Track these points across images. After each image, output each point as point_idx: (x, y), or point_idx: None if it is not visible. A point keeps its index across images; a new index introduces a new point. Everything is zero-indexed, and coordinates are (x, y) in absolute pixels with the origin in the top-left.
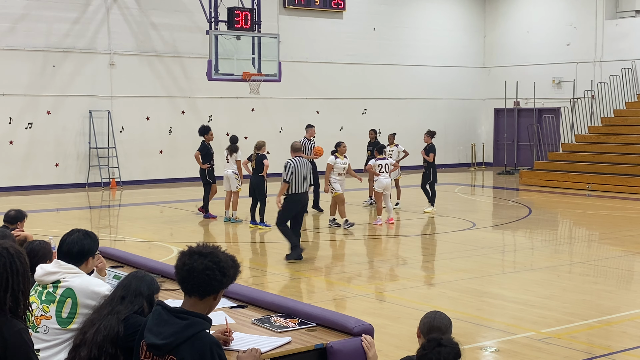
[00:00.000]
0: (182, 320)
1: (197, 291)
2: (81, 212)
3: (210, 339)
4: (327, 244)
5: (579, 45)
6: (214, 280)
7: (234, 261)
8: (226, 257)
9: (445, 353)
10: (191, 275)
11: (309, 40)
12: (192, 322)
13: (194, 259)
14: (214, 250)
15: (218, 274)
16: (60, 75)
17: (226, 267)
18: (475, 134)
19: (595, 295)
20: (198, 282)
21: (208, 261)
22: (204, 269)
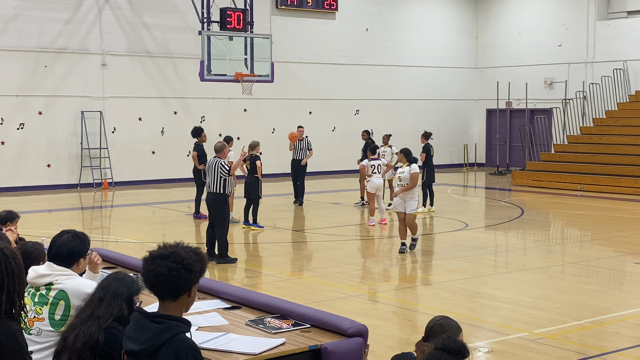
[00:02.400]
0: (158, 324)
1: (168, 294)
2: (73, 213)
3: (186, 342)
4: (321, 245)
5: (570, 46)
6: (181, 279)
7: (198, 254)
8: (189, 253)
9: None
10: (158, 280)
11: (301, 40)
12: (169, 326)
13: (157, 264)
14: (175, 249)
15: (184, 272)
16: (52, 76)
17: (191, 263)
18: (467, 135)
19: (587, 296)
20: (167, 285)
21: (171, 262)
22: (169, 271)
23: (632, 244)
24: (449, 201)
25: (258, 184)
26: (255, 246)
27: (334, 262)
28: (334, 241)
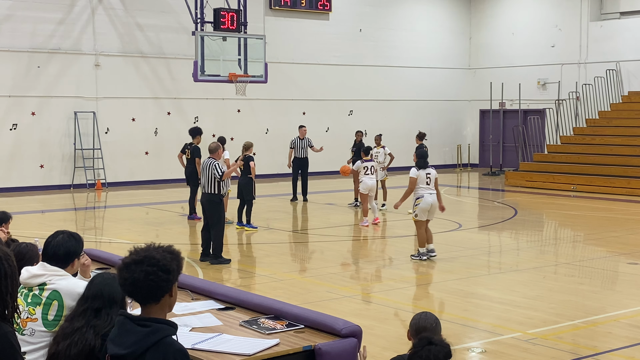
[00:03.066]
0: (144, 327)
1: (150, 299)
2: (66, 214)
3: (174, 345)
4: (315, 246)
5: (563, 47)
6: (161, 281)
7: (172, 252)
8: (162, 253)
9: (436, 351)
10: (137, 287)
11: (295, 41)
12: (155, 329)
13: (132, 270)
14: (147, 252)
15: (162, 274)
16: (45, 76)
17: (166, 263)
18: (460, 135)
19: (580, 296)
20: (147, 291)
21: (147, 266)
22: (146, 275)
23: (625, 244)
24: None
25: (252, 184)
26: (249, 247)
27: (327, 262)
28: (327, 242)
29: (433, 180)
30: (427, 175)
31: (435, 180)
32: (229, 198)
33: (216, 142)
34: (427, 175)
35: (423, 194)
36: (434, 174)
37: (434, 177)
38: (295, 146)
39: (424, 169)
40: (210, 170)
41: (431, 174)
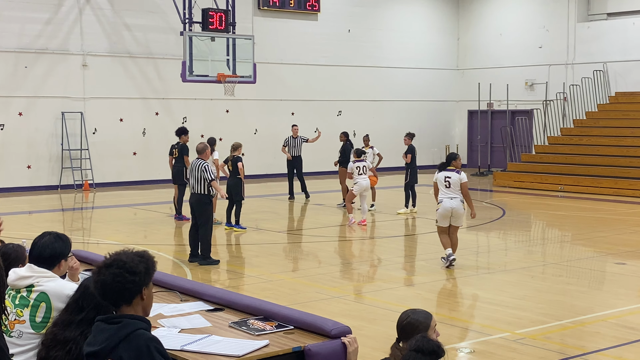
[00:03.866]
0: (115, 324)
1: (119, 300)
2: (54, 215)
3: (146, 335)
4: (304, 246)
5: (551, 48)
6: (127, 283)
7: (141, 256)
8: (131, 256)
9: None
10: (106, 289)
11: (283, 41)
12: (126, 324)
13: (102, 273)
14: (117, 255)
15: (128, 276)
16: (32, 77)
17: (134, 266)
18: (449, 136)
19: (568, 296)
20: (115, 293)
21: (115, 269)
22: (113, 277)
23: (612, 244)
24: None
25: (240, 185)
26: (238, 247)
27: (316, 263)
28: (316, 242)
29: (454, 184)
30: (446, 179)
31: (461, 184)
32: (217, 199)
33: (204, 143)
34: (446, 179)
35: (442, 199)
36: (457, 177)
37: (457, 181)
38: (289, 145)
39: (443, 172)
40: (200, 172)
41: (452, 178)
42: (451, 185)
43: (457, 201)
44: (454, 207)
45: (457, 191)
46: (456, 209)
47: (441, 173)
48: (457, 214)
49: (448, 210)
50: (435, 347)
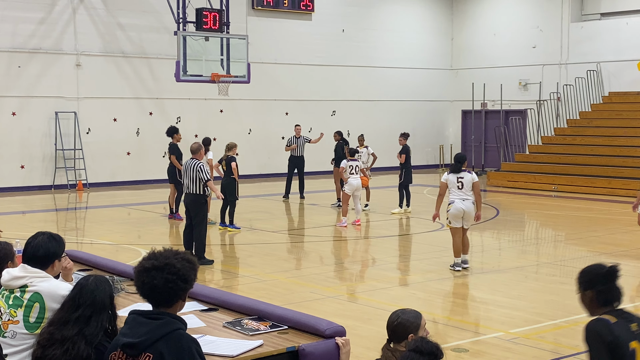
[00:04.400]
0: (156, 320)
1: (164, 303)
2: (47, 215)
3: (188, 336)
4: (298, 246)
5: (545, 48)
6: (178, 290)
7: (190, 261)
8: (182, 262)
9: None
10: (154, 292)
11: (277, 41)
12: (167, 321)
13: (153, 276)
14: (169, 259)
15: (181, 283)
16: (25, 76)
17: (186, 273)
18: (443, 136)
19: (562, 296)
20: (163, 297)
21: (167, 274)
22: (165, 283)
23: (606, 244)
24: (426, 202)
25: (234, 185)
26: (232, 247)
27: (310, 263)
28: (311, 242)
29: (467, 185)
30: (459, 180)
31: (473, 185)
32: (212, 199)
33: (198, 143)
34: (459, 180)
35: (454, 200)
36: (470, 177)
37: (469, 182)
38: (292, 145)
39: (456, 174)
40: (195, 172)
41: (465, 179)
42: (464, 186)
43: (469, 202)
44: (465, 208)
45: (469, 192)
46: (468, 210)
47: (452, 174)
48: (468, 216)
49: (460, 211)
50: (434, 348)
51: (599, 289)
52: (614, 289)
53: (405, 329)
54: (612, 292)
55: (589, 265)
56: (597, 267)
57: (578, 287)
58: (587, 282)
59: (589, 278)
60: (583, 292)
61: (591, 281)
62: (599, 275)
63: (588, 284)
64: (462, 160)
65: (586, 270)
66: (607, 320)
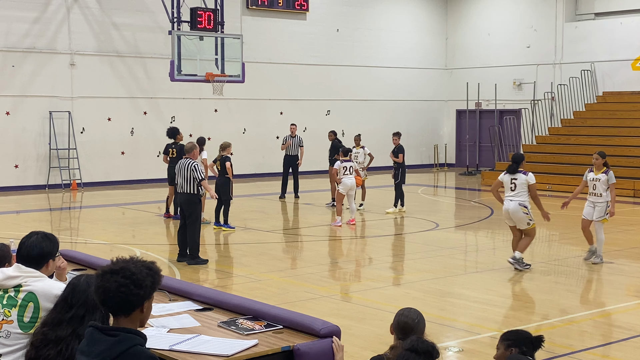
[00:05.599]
0: (112, 337)
1: (119, 310)
2: (41, 214)
3: (144, 352)
4: (292, 245)
5: (539, 48)
6: (131, 295)
7: (150, 268)
8: (140, 267)
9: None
10: (107, 297)
11: (272, 41)
12: (123, 338)
13: (106, 279)
14: (126, 264)
15: (134, 288)
16: (19, 76)
17: (141, 278)
18: (437, 135)
19: (556, 295)
20: (116, 302)
21: (120, 277)
22: (117, 287)
23: None
24: (420, 201)
25: (229, 184)
26: (227, 247)
27: (305, 262)
28: (305, 241)
29: (520, 186)
30: (512, 180)
31: (529, 186)
32: (206, 198)
33: (192, 142)
34: (512, 180)
35: (504, 200)
36: (525, 178)
37: (523, 183)
38: (287, 144)
39: (511, 174)
40: (189, 171)
41: (518, 180)
42: (517, 187)
43: (515, 204)
44: (509, 208)
45: (520, 193)
46: (512, 210)
47: (507, 174)
48: (515, 217)
49: (505, 211)
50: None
51: (524, 350)
52: (534, 357)
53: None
54: (533, 357)
55: (516, 328)
56: (525, 331)
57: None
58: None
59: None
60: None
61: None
62: (526, 339)
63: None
64: (518, 161)
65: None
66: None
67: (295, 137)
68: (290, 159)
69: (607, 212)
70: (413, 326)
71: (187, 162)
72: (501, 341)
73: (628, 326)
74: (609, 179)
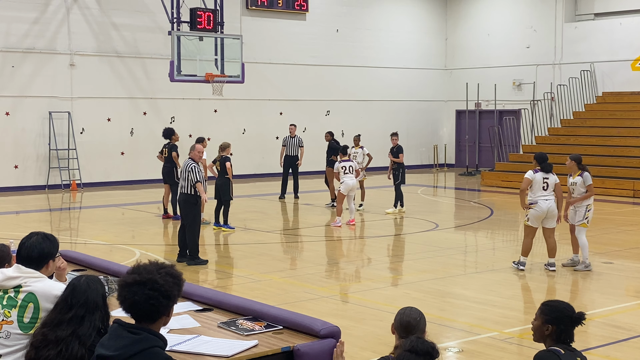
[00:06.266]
0: (134, 334)
1: (146, 319)
2: (41, 215)
3: (161, 355)
4: (292, 246)
5: (538, 48)
6: (160, 306)
7: (175, 276)
8: (165, 277)
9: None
10: (136, 308)
11: (272, 41)
12: (145, 338)
13: (134, 292)
14: (152, 275)
15: (163, 300)
16: (19, 76)
17: (169, 289)
18: (437, 136)
19: (556, 295)
20: (145, 312)
21: (148, 290)
22: (147, 299)
23: (600, 244)
24: (419, 202)
25: (229, 185)
26: (226, 247)
27: (305, 262)
28: (305, 242)
29: (551, 186)
30: (545, 180)
31: (555, 185)
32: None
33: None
34: (545, 180)
35: (537, 200)
36: (554, 178)
37: (553, 183)
38: (287, 144)
39: (545, 173)
40: (187, 172)
41: (549, 179)
42: (549, 186)
43: (552, 202)
44: (550, 208)
45: (551, 193)
46: (551, 209)
47: (540, 173)
48: (552, 215)
49: (544, 212)
50: (429, 348)
51: (562, 328)
52: (572, 333)
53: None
54: (570, 334)
55: (556, 300)
56: (566, 307)
57: (541, 317)
58: (553, 319)
59: (556, 315)
60: (543, 323)
61: (557, 319)
62: (566, 317)
63: (554, 320)
64: (547, 159)
65: (554, 305)
66: (558, 351)
67: (294, 137)
68: (290, 159)
69: (586, 216)
70: (415, 325)
71: (187, 162)
72: (540, 313)
73: (628, 326)
74: (584, 181)
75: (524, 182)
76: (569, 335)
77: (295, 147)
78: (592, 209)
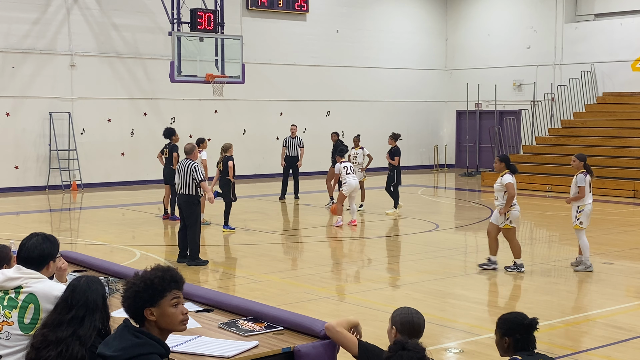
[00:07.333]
0: (136, 338)
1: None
2: (41, 215)
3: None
4: (292, 246)
5: (539, 49)
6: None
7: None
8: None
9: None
10: None
11: (272, 42)
12: (145, 342)
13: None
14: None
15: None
16: (19, 77)
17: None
18: (437, 136)
19: (556, 296)
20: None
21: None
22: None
23: (600, 244)
24: (420, 202)
25: (230, 185)
26: (227, 248)
27: (305, 263)
28: (305, 242)
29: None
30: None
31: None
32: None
33: (192, 144)
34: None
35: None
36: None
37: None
38: (287, 145)
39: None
40: (189, 172)
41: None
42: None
43: None
44: None
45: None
46: None
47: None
48: None
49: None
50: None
51: (517, 337)
52: (531, 339)
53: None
54: (529, 341)
55: (508, 312)
56: (517, 316)
57: (497, 332)
58: (507, 330)
59: (509, 327)
60: (501, 337)
61: (511, 329)
62: (519, 326)
63: (508, 331)
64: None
65: (506, 318)
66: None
67: (295, 138)
68: (290, 159)
69: (577, 217)
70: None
71: (187, 162)
72: (496, 329)
73: (628, 327)
74: (577, 182)
75: (514, 187)
76: (528, 342)
77: (296, 148)
78: (584, 211)
